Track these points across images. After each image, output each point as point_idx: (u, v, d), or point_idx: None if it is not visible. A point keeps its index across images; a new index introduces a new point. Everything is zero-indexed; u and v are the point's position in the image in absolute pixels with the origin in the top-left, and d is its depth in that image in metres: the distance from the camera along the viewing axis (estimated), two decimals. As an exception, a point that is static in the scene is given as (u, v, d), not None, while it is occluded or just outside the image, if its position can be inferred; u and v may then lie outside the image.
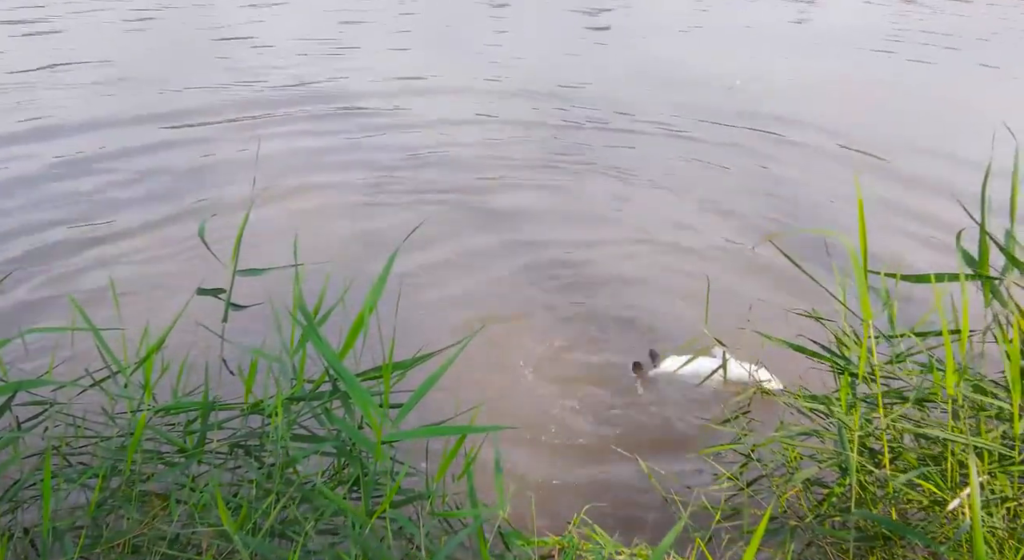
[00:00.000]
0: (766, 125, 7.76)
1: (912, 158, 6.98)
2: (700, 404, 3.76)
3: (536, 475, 3.28)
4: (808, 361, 2.60)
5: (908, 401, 2.32)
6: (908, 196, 6.17)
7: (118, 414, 2.35)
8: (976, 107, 8.46)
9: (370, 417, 1.90)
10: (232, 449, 2.34)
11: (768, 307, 4.61)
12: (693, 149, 7.14)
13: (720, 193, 6.25)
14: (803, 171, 6.77)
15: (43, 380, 2.13)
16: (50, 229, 5.24)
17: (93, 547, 2.02)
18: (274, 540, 2.07)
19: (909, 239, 5.48)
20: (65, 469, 2.29)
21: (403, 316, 4.14)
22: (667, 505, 2.66)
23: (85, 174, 6.15)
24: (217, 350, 2.41)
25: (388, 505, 1.90)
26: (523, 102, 8.28)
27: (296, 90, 8.40)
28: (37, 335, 2.99)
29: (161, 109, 7.63)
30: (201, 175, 6.21)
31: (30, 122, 7.16)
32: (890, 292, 2.38)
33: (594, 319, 4.51)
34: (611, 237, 5.49)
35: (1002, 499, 2.12)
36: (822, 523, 2.42)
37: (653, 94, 8.64)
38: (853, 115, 8.18)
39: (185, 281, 4.42)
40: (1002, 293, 2.26)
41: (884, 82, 9.74)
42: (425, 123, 7.58)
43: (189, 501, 2.09)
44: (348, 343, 2.08)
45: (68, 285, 4.57)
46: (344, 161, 6.63)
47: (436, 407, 2.72)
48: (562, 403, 3.82)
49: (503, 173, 6.50)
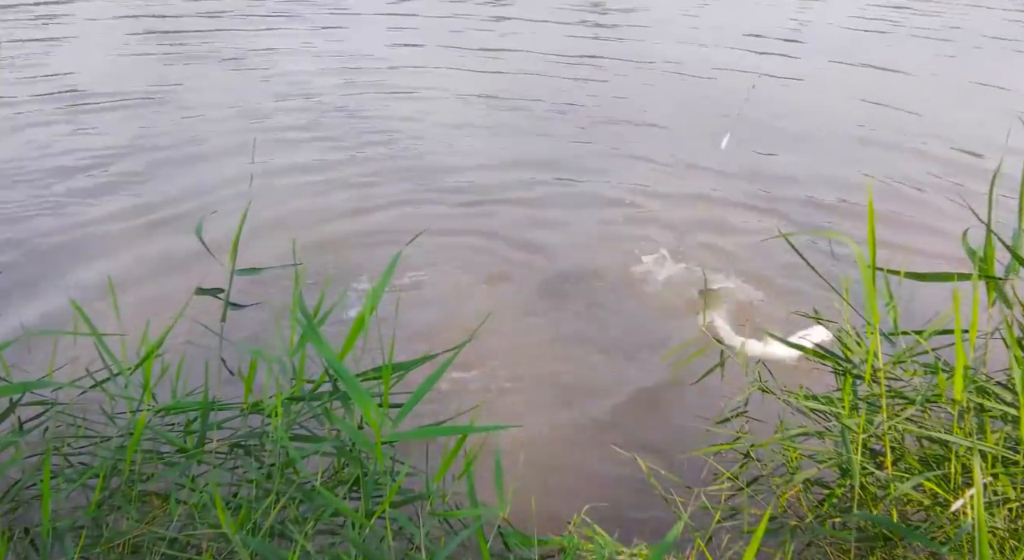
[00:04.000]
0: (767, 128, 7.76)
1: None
2: (700, 404, 3.76)
3: (536, 475, 3.28)
4: (807, 361, 2.59)
5: (913, 403, 2.31)
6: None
7: (118, 414, 2.35)
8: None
9: (369, 417, 1.89)
10: (232, 449, 2.34)
11: (768, 308, 4.61)
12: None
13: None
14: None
15: (46, 381, 2.13)
16: (49, 228, 5.25)
17: (93, 547, 2.02)
18: (274, 540, 2.07)
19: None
20: (65, 469, 2.29)
21: (402, 316, 4.15)
22: (667, 505, 2.65)
23: (84, 171, 6.16)
24: (217, 350, 2.41)
25: (388, 505, 1.90)
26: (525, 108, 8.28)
27: (299, 94, 8.41)
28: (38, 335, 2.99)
29: (161, 108, 7.65)
30: (198, 174, 6.22)
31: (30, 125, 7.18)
32: (895, 292, 2.38)
33: (595, 319, 4.51)
34: (617, 234, 5.49)
35: (1004, 500, 2.12)
36: (822, 523, 2.41)
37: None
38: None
39: (184, 281, 4.42)
40: (1006, 293, 2.25)
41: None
42: (425, 123, 7.58)
43: (189, 501, 2.09)
44: (348, 343, 2.08)
45: (67, 285, 4.57)
46: (341, 161, 6.64)
47: (436, 407, 2.72)
48: (562, 403, 3.81)
49: (504, 172, 6.50)
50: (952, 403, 2.22)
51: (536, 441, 3.52)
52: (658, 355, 4.12)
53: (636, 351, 4.21)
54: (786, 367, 3.74)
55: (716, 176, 6.47)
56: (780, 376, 2.82)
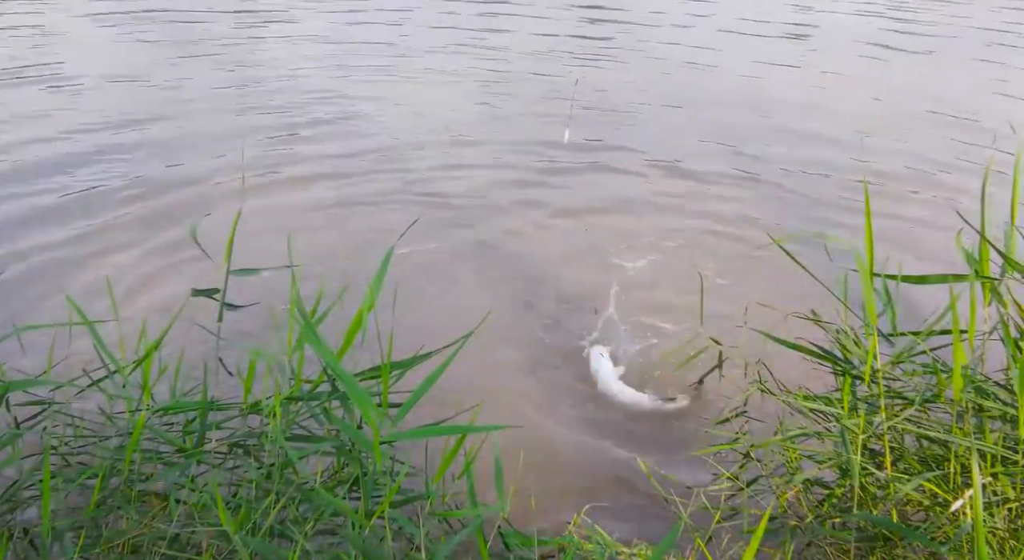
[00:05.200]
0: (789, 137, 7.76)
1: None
2: (700, 403, 3.76)
3: (536, 475, 3.27)
4: (807, 362, 2.59)
5: (912, 403, 2.31)
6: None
7: (117, 414, 2.35)
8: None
9: (368, 417, 1.89)
10: (231, 449, 2.33)
11: (769, 307, 4.60)
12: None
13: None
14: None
15: (38, 380, 2.13)
16: (47, 227, 5.24)
17: (93, 547, 2.02)
18: (273, 540, 2.07)
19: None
20: (64, 469, 2.28)
21: (401, 315, 4.14)
22: (667, 505, 2.65)
23: (81, 170, 6.16)
24: (215, 350, 2.40)
25: (388, 505, 1.89)
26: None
27: (298, 94, 8.41)
28: (35, 335, 2.98)
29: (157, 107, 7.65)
30: (196, 174, 6.22)
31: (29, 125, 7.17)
32: (892, 292, 2.38)
33: (596, 318, 4.50)
34: (615, 238, 5.48)
35: (1003, 500, 2.12)
36: (822, 523, 2.41)
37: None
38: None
39: (183, 282, 4.41)
40: (1001, 294, 2.25)
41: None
42: (424, 124, 7.59)
43: (188, 501, 2.09)
44: (347, 343, 2.07)
45: (66, 285, 4.56)
46: (339, 159, 6.64)
47: (436, 407, 2.71)
48: (562, 403, 3.81)
49: (504, 172, 6.50)
50: (951, 403, 2.22)
51: (536, 441, 3.52)
52: (658, 355, 4.12)
53: (637, 350, 4.20)
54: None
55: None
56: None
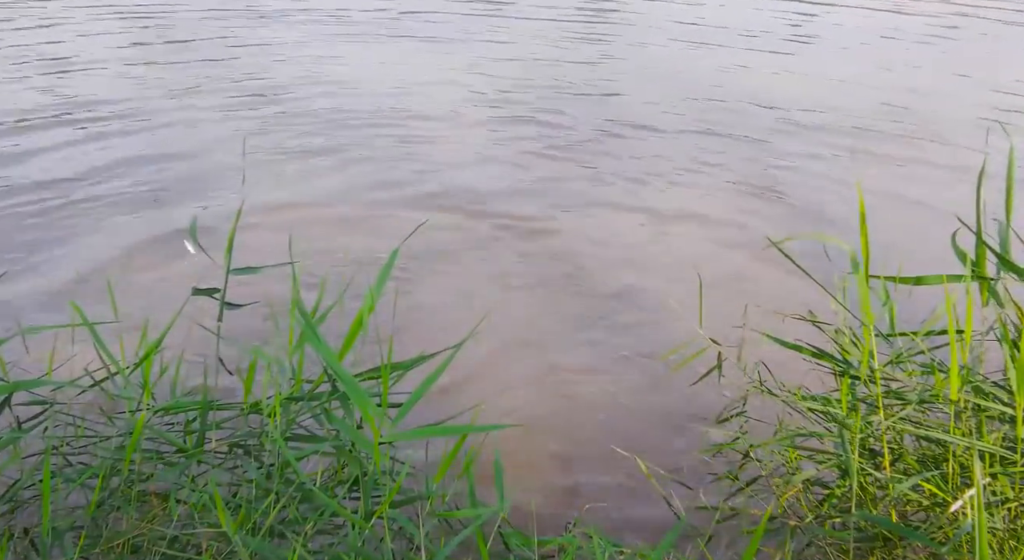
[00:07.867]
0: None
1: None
2: (700, 405, 3.76)
3: (536, 475, 3.28)
4: (806, 362, 2.59)
5: (910, 403, 2.31)
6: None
7: (117, 414, 2.35)
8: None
9: (368, 417, 1.89)
10: (231, 449, 2.34)
11: (768, 308, 4.60)
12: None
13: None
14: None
15: (42, 380, 2.13)
16: (46, 226, 5.24)
17: (93, 547, 2.02)
18: (273, 540, 2.07)
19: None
20: (65, 469, 2.29)
21: (402, 314, 4.15)
22: (667, 505, 2.66)
23: (80, 168, 6.16)
24: (216, 350, 2.41)
25: (387, 506, 1.90)
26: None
27: (297, 90, 8.41)
28: (36, 336, 2.99)
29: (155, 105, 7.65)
30: (193, 173, 6.22)
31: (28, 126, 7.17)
32: (891, 292, 2.38)
33: (593, 318, 4.51)
34: (616, 237, 5.48)
35: (1003, 500, 2.12)
36: (822, 524, 2.42)
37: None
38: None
39: (181, 281, 4.41)
40: (999, 293, 2.25)
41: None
42: (424, 118, 7.59)
43: (188, 501, 2.09)
44: (347, 343, 2.07)
45: (66, 285, 4.56)
46: (337, 160, 6.64)
47: (436, 407, 2.72)
48: (562, 403, 3.81)
49: (504, 172, 6.50)
50: (949, 403, 2.23)
51: (536, 441, 3.52)
52: (658, 355, 4.12)
53: (637, 351, 4.20)
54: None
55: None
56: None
